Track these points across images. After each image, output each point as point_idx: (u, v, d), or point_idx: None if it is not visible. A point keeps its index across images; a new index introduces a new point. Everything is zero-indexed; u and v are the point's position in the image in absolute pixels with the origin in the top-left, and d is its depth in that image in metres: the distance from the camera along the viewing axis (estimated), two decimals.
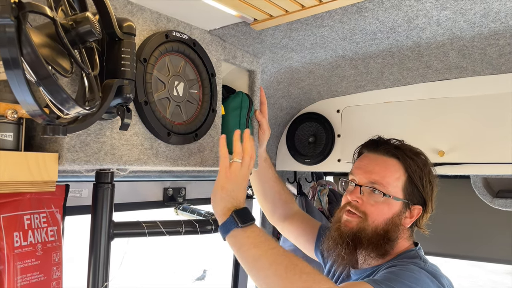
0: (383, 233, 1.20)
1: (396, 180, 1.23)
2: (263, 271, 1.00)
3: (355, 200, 1.24)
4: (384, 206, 1.22)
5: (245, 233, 1.04)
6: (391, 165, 1.25)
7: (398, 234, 1.23)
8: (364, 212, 1.22)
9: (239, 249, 1.05)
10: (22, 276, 0.98)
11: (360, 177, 1.26)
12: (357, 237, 1.21)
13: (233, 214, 1.05)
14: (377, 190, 1.22)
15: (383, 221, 1.21)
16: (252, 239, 1.04)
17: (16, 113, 0.79)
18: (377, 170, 1.25)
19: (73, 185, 1.26)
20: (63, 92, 0.66)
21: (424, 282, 1.07)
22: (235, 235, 1.05)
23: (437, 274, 1.12)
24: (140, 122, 1.01)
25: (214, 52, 1.22)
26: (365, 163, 1.30)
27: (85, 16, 0.72)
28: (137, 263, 7.73)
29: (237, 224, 1.04)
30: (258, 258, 1.01)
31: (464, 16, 1.10)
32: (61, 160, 0.85)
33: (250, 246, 1.03)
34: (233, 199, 1.09)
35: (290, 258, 1.01)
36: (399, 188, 1.23)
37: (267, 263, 1.00)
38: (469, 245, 2.02)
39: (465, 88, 1.55)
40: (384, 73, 1.56)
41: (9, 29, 0.57)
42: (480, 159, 1.50)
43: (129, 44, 0.86)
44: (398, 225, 1.22)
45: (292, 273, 0.98)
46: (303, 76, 1.62)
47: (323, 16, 1.10)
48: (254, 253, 1.02)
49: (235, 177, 1.10)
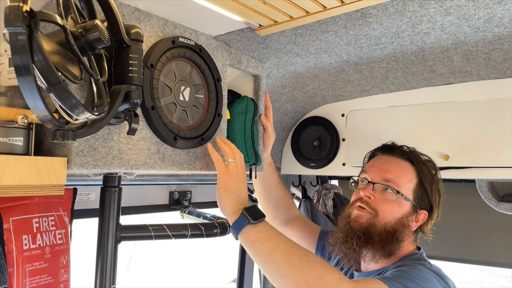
0: (392, 231, 1.22)
1: (408, 182, 1.26)
2: (277, 262, 1.02)
3: (367, 195, 1.26)
4: (395, 205, 1.23)
5: (257, 229, 1.07)
6: (405, 167, 1.28)
7: (405, 236, 1.24)
8: (375, 209, 1.23)
9: (252, 244, 1.07)
10: (30, 279, 1.00)
11: (374, 174, 1.28)
12: (368, 231, 1.22)
13: (244, 211, 1.08)
14: (390, 188, 1.23)
15: (392, 220, 1.23)
16: (264, 233, 1.06)
17: (27, 118, 0.81)
18: (391, 169, 1.27)
19: (81, 189, 1.27)
20: (72, 98, 0.67)
21: (432, 281, 1.08)
22: (248, 231, 1.07)
23: (443, 276, 1.14)
24: (147, 127, 1.03)
25: (219, 58, 1.24)
26: (380, 163, 1.32)
27: (94, 24, 0.73)
28: (143, 267, 7.75)
29: (249, 221, 1.07)
30: (272, 251, 1.03)
31: (468, 21, 1.10)
32: (70, 164, 0.87)
33: (263, 240, 1.05)
34: (239, 197, 1.11)
35: (303, 250, 1.04)
36: (410, 190, 1.25)
37: (281, 255, 1.02)
38: (475, 249, 2.01)
39: (470, 92, 1.55)
40: (389, 77, 1.57)
41: (21, 37, 0.59)
42: (485, 163, 1.50)
43: (137, 50, 0.88)
44: (406, 227, 1.24)
45: (306, 263, 1.00)
46: (307, 81, 1.63)
47: (328, 21, 1.11)
48: (267, 246, 1.04)
49: (236, 176, 1.13)
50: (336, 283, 0.98)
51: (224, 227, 1.34)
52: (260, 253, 1.06)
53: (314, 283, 0.97)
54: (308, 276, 0.98)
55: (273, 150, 1.93)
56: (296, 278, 0.99)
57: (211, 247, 8.63)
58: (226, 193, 1.11)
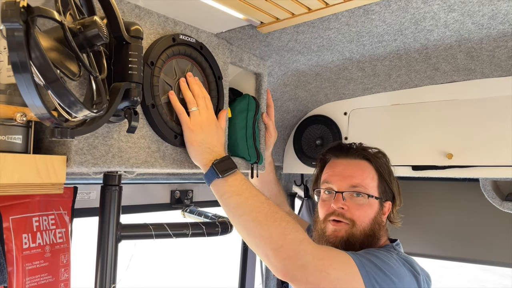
0: (371, 233, 1.24)
1: (372, 180, 1.28)
2: (243, 216, 1.02)
3: (341, 207, 1.25)
4: (368, 208, 1.25)
5: (226, 182, 1.04)
6: (365, 167, 1.30)
7: (380, 232, 1.28)
8: (351, 219, 1.24)
9: (221, 197, 1.05)
10: (30, 278, 0.99)
11: (339, 183, 1.28)
12: (349, 243, 1.22)
13: (213, 165, 1.03)
14: (360, 194, 1.25)
15: (369, 222, 1.25)
16: (234, 187, 1.04)
17: (25, 116, 0.80)
18: (355, 174, 1.28)
19: (82, 188, 1.27)
20: (71, 95, 0.66)
21: (397, 262, 1.12)
22: (217, 184, 1.05)
23: (409, 261, 1.17)
24: (147, 125, 1.02)
25: (221, 55, 1.23)
26: (340, 169, 1.31)
27: (93, 20, 0.72)
28: (144, 266, 7.76)
29: (218, 175, 1.03)
30: (239, 205, 1.03)
31: (472, 18, 1.09)
32: (69, 163, 0.86)
33: (231, 194, 1.04)
34: (209, 148, 1.06)
35: (271, 206, 1.03)
36: (375, 187, 1.28)
37: (248, 210, 1.02)
38: (478, 248, 1.99)
39: (474, 90, 1.54)
40: (392, 75, 1.55)
41: (18, 33, 0.58)
42: (489, 162, 1.49)
43: (137, 47, 0.87)
44: (380, 223, 1.27)
45: (272, 220, 1.00)
46: (310, 79, 1.62)
47: (330, 18, 1.10)
48: (235, 200, 1.03)
49: (200, 126, 1.06)
50: (298, 242, 0.98)
51: (225, 226, 1.34)
52: (227, 206, 1.05)
53: (276, 240, 0.97)
54: (271, 233, 0.98)
55: (275, 149, 1.92)
56: (260, 233, 0.99)
57: (213, 246, 8.63)
58: (193, 147, 1.06)
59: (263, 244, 0.99)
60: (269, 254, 0.98)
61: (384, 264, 1.08)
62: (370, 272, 1.03)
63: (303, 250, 0.98)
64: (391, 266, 1.08)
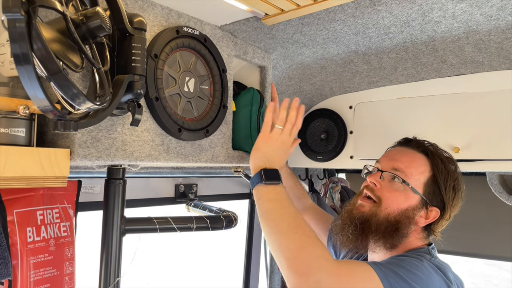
0: (394, 222, 1.18)
1: (419, 174, 1.21)
2: (269, 222, 1.07)
3: (373, 182, 1.24)
4: (401, 195, 1.19)
5: (266, 189, 1.12)
6: (418, 159, 1.24)
7: (409, 231, 1.20)
8: (379, 197, 1.21)
9: (257, 200, 1.12)
10: (35, 271, 0.99)
11: (384, 164, 1.26)
12: (366, 221, 1.19)
13: (261, 171, 1.13)
14: (397, 177, 1.20)
15: (396, 210, 1.19)
16: (270, 195, 1.11)
17: (28, 109, 0.79)
18: (402, 159, 1.24)
19: (86, 181, 1.26)
20: (73, 87, 0.65)
21: (427, 270, 1.06)
22: (258, 189, 1.13)
23: (442, 268, 1.11)
24: (151, 118, 1.01)
25: (225, 48, 1.22)
26: (393, 153, 1.30)
27: (96, 11, 0.71)
28: (148, 261, 7.80)
29: (261, 180, 1.12)
30: (269, 211, 1.09)
31: (481, 9, 1.07)
32: (73, 156, 0.86)
33: (266, 199, 1.11)
34: (266, 159, 1.15)
35: (297, 220, 1.06)
36: (420, 182, 1.20)
37: (274, 216, 1.07)
38: (484, 243, 1.98)
39: (481, 83, 1.52)
40: (398, 68, 1.53)
41: (19, 24, 0.57)
42: (496, 156, 1.47)
43: (140, 39, 0.86)
44: (411, 220, 1.19)
45: (293, 231, 1.02)
46: (315, 72, 1.60)
47: (336, 10, 1.08)
48: (267, 206, 1.10)
49: (272, 142, 1.16)
50: (315, 257, 0.98)
51: (230, 220, 1.33)
52: (260, 210, 1.11)
53: (293, 250, 0.99)
54: (289, 243, 1.00)
55: None
56: (280, 241, 1.02)
57: (218, 241, 8.66)
58: (256, 153, 1.16)
59: (280, 251, 1.01)
60: (283, 264, 0.99)
61: (410, 274, 1.03)
62: (394, 284, 0.99)
63: (318, 267, 0.96)
64: (419, 277, 1.03)
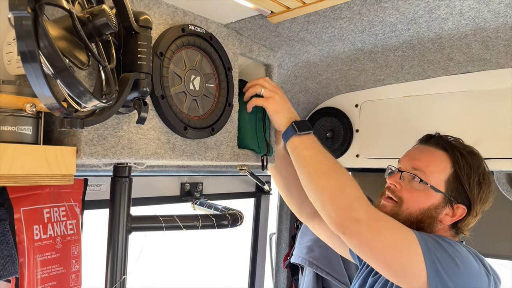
0: (416, 222, 1.18)
1: (440, 171, 1.19)
2: (308, 167, 1.15)
3: (393, 184, 1.24)
4: (422, 195, 1.19)
5: (301, 139, 1.20)
6: (438, 156, 1.22)
7: (435, 229, 1.19)
8: (400, 198, 1.21)
9: (293, 150, 1.20)
10: (42, 269, 1.00)
11: (404, 163, 1.26)
12: None
13: (293, 123, 1.21)
14: (416, 177, 1.19)
15: (417, 210, 1.18)
16: (306, 144, 1.19)
17: (35, 107, 0.80)
18: (421, 158, 1.24)
19: (92, 180, 1.27)
20: (80, 85, 0.66)
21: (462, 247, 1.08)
22: (293, 140, 1.20)
23: (480, 256, 1.11)
24: (156, 116, 1.01)
25: (230, 46, 1.21)
26: (412, 152, 1.30)
27: (102, 9, 0.71)
28: (154, 259, 7.82)
29: (295, 132, 1.19)
30: (307, 158, 1.17)
31: (488, 6, 1.06)
32: (79, 154, 0.86)
33: (302, 148, 1.19)
34: (288, 113, 1.24)
35: (335, 164, 1.15)
36: (441, 180, 1.19)
37: (313, 162, 1.15)
38: (491, 242, 1.97)
39: (489, 81, 1.50)
40: (404, 66, 1.53)
41: (26, 22, 0.57)
42: (503, 154, 1.46)
43: (146, 37, 0.86)
44: (435, 219, 1.18)
45: (333, 172, 1.12)
46: (320, 70, 1.60)
47: (342, 7, 1.08)
48: (304, 154, 1.18)
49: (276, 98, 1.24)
50: (354, 197, 1.07)
51: (235, 219, 1.33)
52: (297, 159, 1.18)
53: (335, 189, 1.08)
54: (331, 183, 1.10)
55: None
56: (321, 182, 1.11)
57: (223, 239, 8.67)
58: (276, 115, 1.24)
59: (322, 192, 1.10)
60: (326, 203, 1.08)
61: (449, 246, 1.03)
62: (432, 248, 1.00)
63: (358, 206, 1.05)
64: (458, 250, 1.04)
